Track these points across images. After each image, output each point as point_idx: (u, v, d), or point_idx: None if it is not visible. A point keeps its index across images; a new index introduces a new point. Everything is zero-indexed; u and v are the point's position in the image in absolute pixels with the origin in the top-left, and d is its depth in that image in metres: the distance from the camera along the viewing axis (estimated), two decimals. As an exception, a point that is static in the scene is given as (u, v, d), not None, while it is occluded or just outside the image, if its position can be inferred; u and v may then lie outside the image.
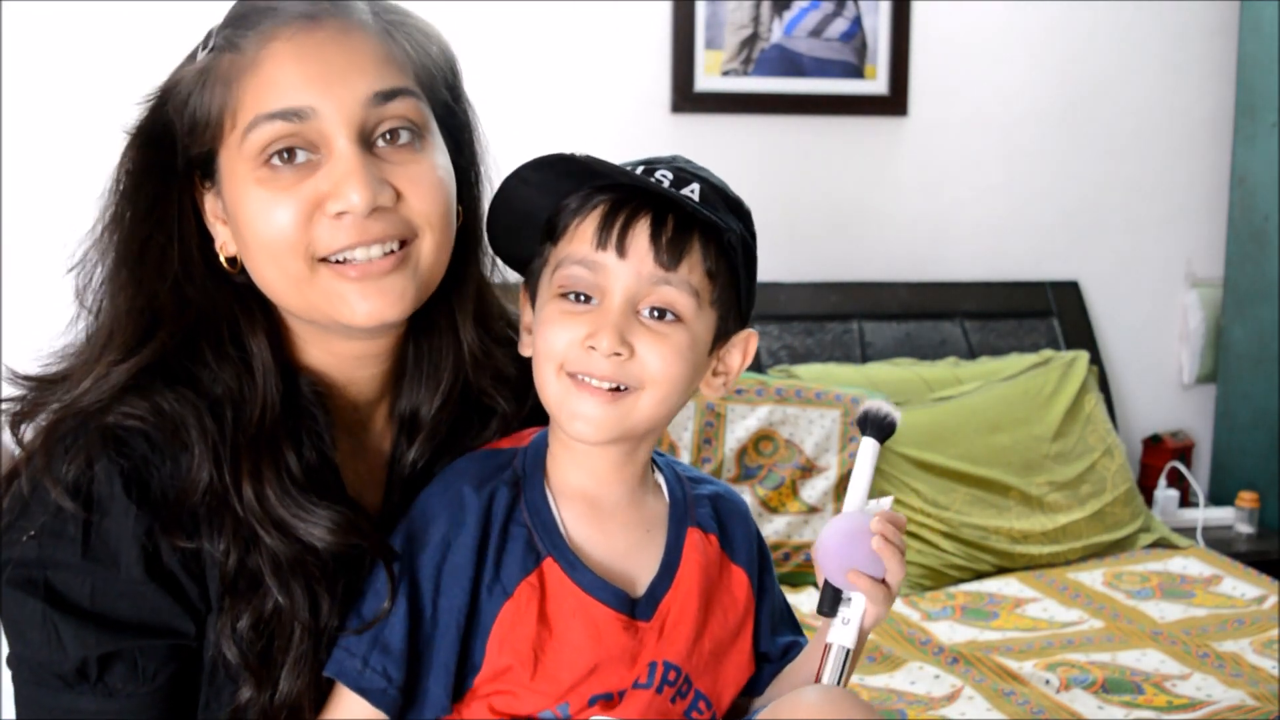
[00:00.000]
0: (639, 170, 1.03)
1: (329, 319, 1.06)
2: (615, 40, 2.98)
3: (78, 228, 1.10)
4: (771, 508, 2.64)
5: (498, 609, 1.03)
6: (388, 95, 1.04)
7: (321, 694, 1.05)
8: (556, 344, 1.03)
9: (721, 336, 1.09)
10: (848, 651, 1.04)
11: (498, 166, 1.16)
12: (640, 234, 1.02)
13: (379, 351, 1.13)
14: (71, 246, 1.10)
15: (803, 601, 2.51)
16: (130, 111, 1.09)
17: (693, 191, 1.03)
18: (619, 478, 1.09)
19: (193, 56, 1.07)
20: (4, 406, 1.07)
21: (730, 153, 3.01)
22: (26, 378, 1.09)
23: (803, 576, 2.62)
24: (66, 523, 1.01)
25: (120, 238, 1.07)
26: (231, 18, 1.07)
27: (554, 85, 2.92)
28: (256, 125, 1.02)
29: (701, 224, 1.03)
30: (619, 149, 3.48)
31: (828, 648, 1.04)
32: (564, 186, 1.05)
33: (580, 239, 1.03)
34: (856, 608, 1.04)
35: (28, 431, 1.06)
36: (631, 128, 2.99)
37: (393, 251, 1.04)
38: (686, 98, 3.01)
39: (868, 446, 1.07)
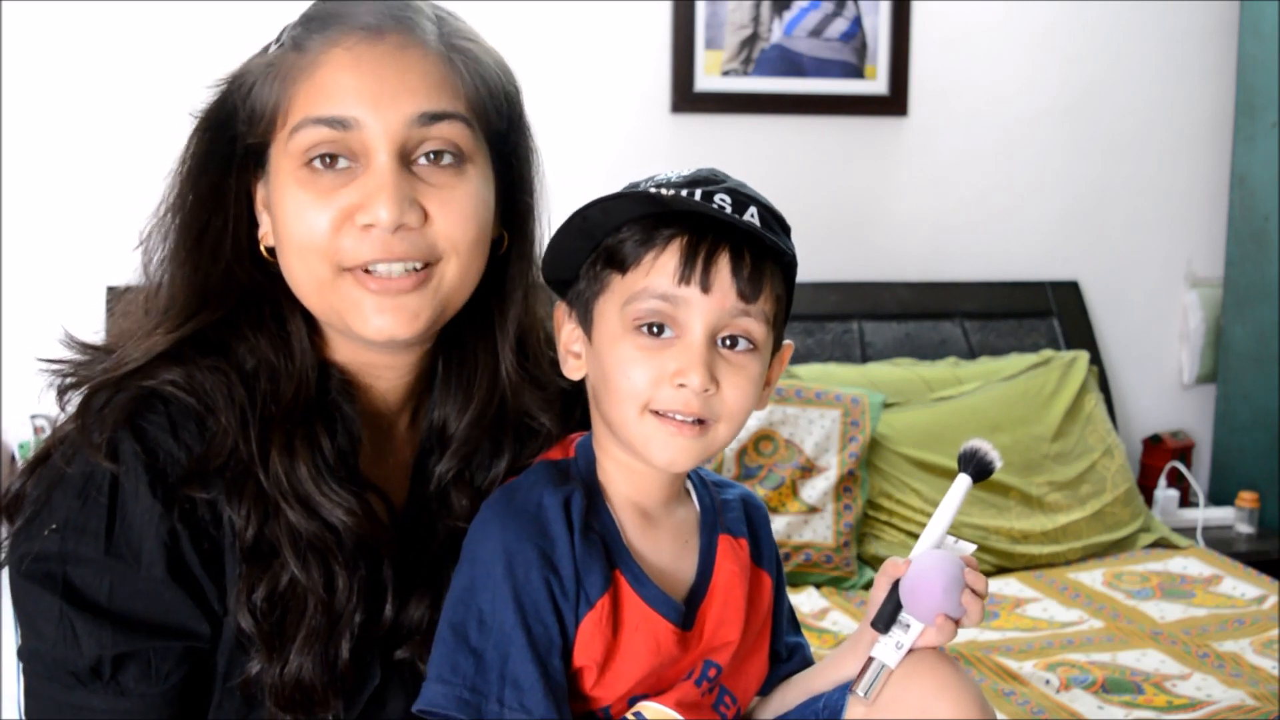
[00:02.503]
0: (697, 194, 1.02)
1: (345, 326, 1.07)
2: (615, 40, 2.98)
3: (77, 226, 1.10)
4: (771, 508, 2.63)
5: (582, 617, 1.04)
6: (435, 117, 1.05)
7: (335, 678, 1.05)
8: (639, 382, 1.03)
9: (774, 352, 1.11)
10: (889, 670, 1.06)
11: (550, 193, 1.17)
12: (723, 268, 1.02)
13: (404, 364, 1.14)
14: (71, 244, 1.11)
15: (802, 602, 2.51)
16: (192, 100, 1.11)
17: (753, 216, 1.03)
18: (668, 491, 1.11)
19: (265, 49, 1.10)
20: (54, 369, 1.09)
21: (730, 153, 3.01)
22: (83, 344, 1.11)
23: (803, 576, 2.62)
24: (90, 517, 1.01)
25: (181, 220, 1.10)
26: (305, 17, 1.09)
27: (554, 85, 2.91)
28: (303, 127, 1.04)
29: (771, 251, 1.05)
30: (619, 149, 3.46)
31: (870, 660, 1.07)
32: (628, 213, 1.04)
33: (659, 273, 1.02)
34: (912, 634, 1.06)
35: (71, 402, 1.07)
36: (631, 128, 2.99)
37: (415, 270, 1.05)
38: (686, 98, 3.00)
39: (962, 484, 1.09)
